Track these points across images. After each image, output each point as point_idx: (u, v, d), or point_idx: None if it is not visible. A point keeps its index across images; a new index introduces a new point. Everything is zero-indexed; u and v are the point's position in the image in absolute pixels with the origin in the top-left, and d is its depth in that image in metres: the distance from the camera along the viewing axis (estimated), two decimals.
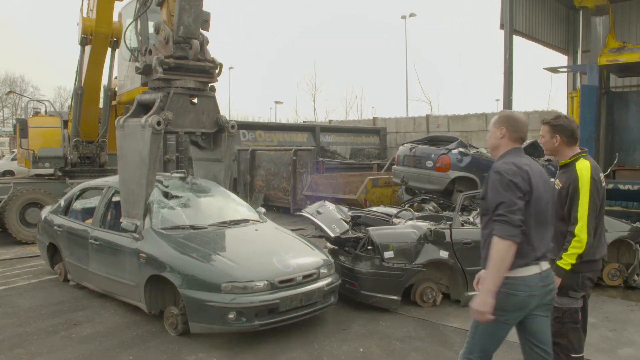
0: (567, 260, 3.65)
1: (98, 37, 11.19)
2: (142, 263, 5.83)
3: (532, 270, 3.10)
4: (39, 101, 16.90)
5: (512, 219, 2.97)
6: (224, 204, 6.97)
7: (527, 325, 3.23)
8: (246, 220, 6.74)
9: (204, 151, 7.39)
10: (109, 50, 11.83)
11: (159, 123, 5.95)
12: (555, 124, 3.87)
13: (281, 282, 5.41)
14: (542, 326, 3.25)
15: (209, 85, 6.80)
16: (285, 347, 5.25)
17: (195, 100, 6.71)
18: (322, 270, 5.82)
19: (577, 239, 3.64)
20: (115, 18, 11.53)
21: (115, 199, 6.97)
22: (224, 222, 6.51)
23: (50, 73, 71.51)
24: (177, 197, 6.56)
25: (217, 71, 6.73)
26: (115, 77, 12.64)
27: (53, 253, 7.82)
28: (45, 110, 15.48)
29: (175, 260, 5.57)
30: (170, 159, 19.38)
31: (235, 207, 7.06)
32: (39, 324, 5.91)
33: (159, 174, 6.88)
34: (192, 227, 6.20)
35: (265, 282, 5.32)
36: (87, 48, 11.46)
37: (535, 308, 3.16)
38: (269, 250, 5.90)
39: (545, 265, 3.18)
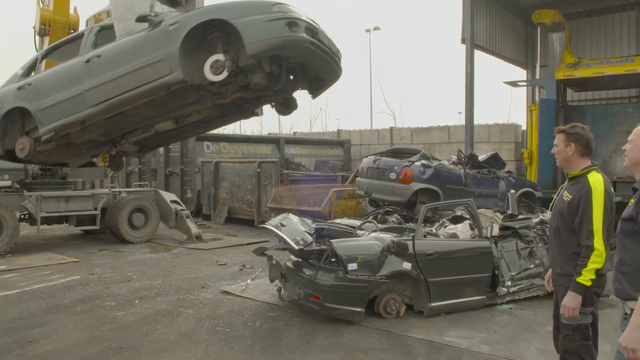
0: (587, 276, 3.49)
1: (56, 25, 11.35)
2: (173, 29, 6.14)
3: None
4: None
5: None
6: None
7: None
8: None
9: None
10: None
11: None
12: (571, 132, 3.77)
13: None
14: None
15: None
16: None
17: None
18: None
19: (597, 253, 3.48)
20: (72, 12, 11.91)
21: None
22: None
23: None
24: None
25: None
26: None
27: (4, 132, 7.41)
28: None
29: (221, 4, 6.27)
30: (133, 171, 19.13)
31: None
32: None
33: None
34: None
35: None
36: (46, 43, 11.54)
37: None
38: None
39: None
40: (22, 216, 11.56)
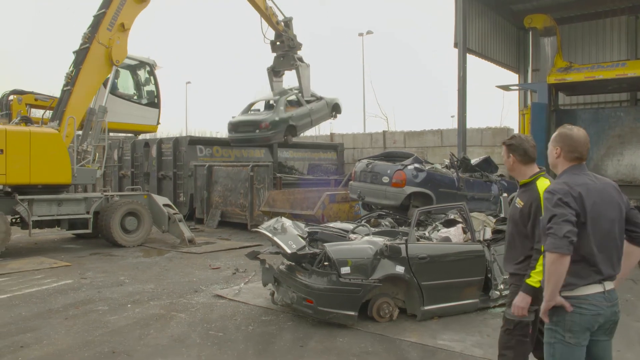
0: (536, 278, 3.61)
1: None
2: None
3: (594, 289, 3.06)
4: None
5: (557, 229, 2.94)
6: None
7: (590, 351, 3.15)
8: None
9: None
10: None
11: None
12: (509, 143, 3.99)
13: None
14: (606, 351, 3.21)
15: None
16: None
17: None
18: None
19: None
20: None
21: None
22: None
23: None
24: None
25: None
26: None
27: None
28: None
29: None
30: (125, 174, 19.06)
31: None
32: None
33: None
34: None
35: None
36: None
37: (598, 331, 3.11)
38: None
39: (609, 285, 3.10)
40: (14, 220, 11.49)
